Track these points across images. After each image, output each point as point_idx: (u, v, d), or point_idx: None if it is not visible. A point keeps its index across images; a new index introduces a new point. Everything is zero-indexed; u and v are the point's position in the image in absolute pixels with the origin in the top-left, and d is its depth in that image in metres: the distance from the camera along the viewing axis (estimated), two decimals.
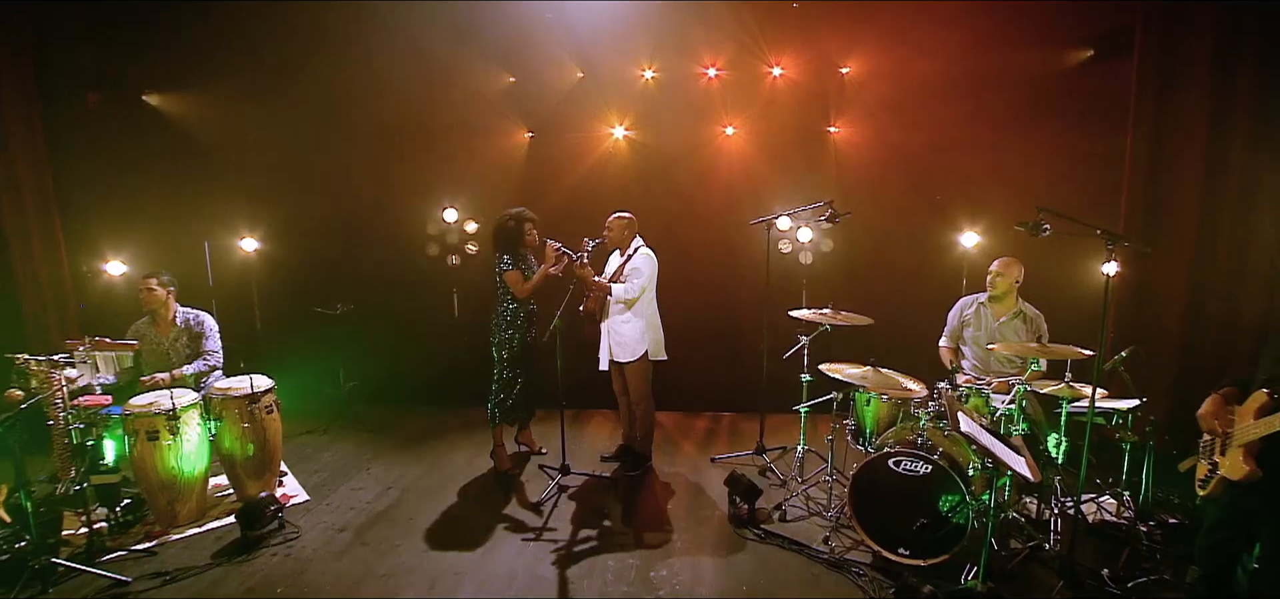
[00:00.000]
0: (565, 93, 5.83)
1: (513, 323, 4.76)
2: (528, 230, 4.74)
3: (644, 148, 5.89)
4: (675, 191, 5.94)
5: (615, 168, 5.99)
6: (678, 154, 5.87)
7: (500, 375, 4.85)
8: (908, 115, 5.58)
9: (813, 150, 5.79)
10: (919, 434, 3.75)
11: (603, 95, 5.78)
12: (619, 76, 5.73)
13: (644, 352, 4.72)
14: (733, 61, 5.65)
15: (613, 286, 4.61)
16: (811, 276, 6.24)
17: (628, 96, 5.76)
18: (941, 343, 4.62)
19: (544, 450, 5.30)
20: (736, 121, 5.77)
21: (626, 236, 4.75)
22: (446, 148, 6.17)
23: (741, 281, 6.04)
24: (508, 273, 4.69)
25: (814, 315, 4.49)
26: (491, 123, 6.04)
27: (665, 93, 5.73)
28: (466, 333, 6.39)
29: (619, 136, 5.86)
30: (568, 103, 5.85)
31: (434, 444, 5.57)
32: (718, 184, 5.96)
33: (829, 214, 4.46)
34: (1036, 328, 4.26)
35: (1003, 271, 4.27)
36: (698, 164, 5.92)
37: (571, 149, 5.97)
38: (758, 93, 5.73)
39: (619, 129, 5.84)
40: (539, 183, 5.95)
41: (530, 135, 6.03)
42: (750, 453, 5.09)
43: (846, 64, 5.57)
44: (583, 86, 5.82)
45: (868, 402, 4.23)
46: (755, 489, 4.28)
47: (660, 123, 5.81)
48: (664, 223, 5.57)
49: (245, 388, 4.35)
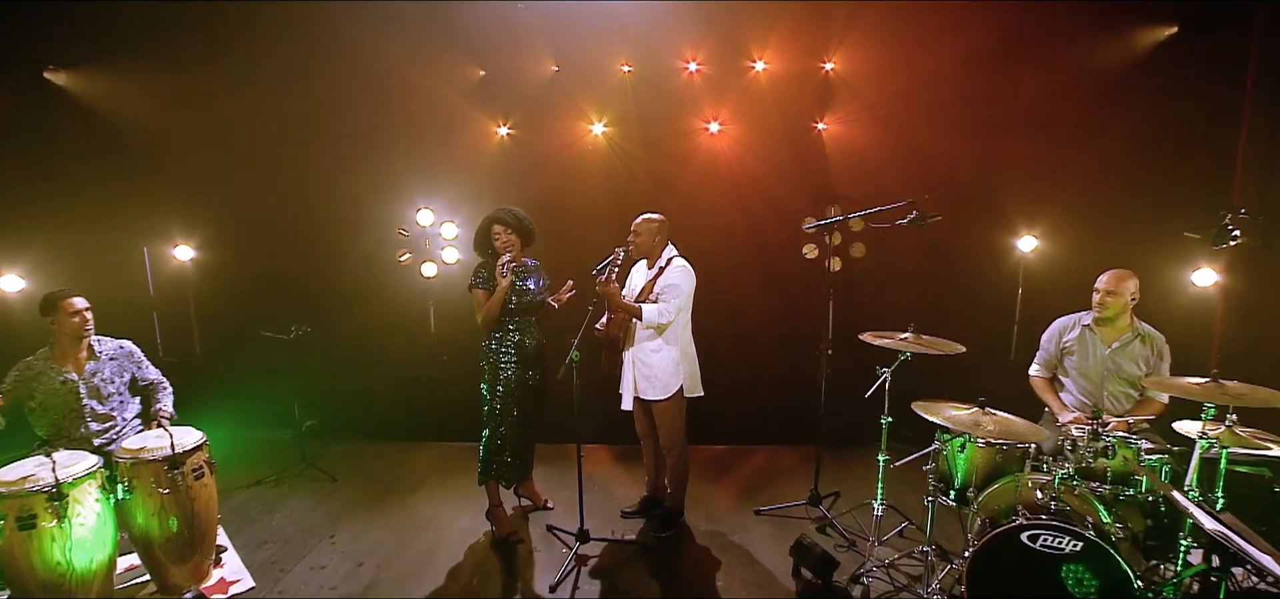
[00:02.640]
0: (541, 87, 5.18)
1: (500, 352, 3.83)
2: (496, 233, 3.80)
3: (625, 144, 5.24)
4: (668, 189, 5.21)
5: (597, 165, 5.26)
6: (662, 151, 5.23)
7: (492, 423, 3.90)
8: (917, 103, 4.93)
9: (803, 146, 5.17)
10: (1053, 496, 2.93)
11: (580, 90, 5.16)
12: (596, 70, 5.11)
13: (678, 387, 3.82)
14: (713, 56, 5.06)
15: (642, 308, 3.70)
16: (839, 287, 5.46)
17: (606, 91, 5.15)
18: (1033, 371, 3.82)
19: (551, 505, 4.35)
20: (721, 117, 5.17)
21: (658, 244, 3.84)
22: (414, 143, 5.33)
23: (752, 292, 5.30)
24: (472, 291, 3.82)
25: (892, 340, 3.65)
26: (463, 118, 5.27)
27: (644, 88, 5.12)
28: (446, 351, 5.59)
29: (598, 132, 5.21)
30: (543, 97, 5.19)
31: (414, 497, 4.56)
32: (716, 182, 5.25)
33: (912, 217, 3.61)
34: (1160, 352, 3.49)
35: (1114, 289, 3.46)
36: (685, 161, 5.25)
37: (549, 146, 5.27)
38: (740, 87, 5.10)
39: (598, 125, 5.20)
40: (515, 181, 5.21)
41: (504, 131, 5.30)
42: (804, 502, 4.23)
43: (830, 58, 5.01)
44: (559, 81, 5.17)
45: (962, 447, 3.41)
46: (830, 560, 3.44)
47: (641, 118, 5.16)
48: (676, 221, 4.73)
49: (164, 447, 3.30)
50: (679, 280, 3.73)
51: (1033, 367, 3.82)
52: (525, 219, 3.90)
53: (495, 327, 3.83)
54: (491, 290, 3.77)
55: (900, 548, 3.75)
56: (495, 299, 3.74)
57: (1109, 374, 3.51)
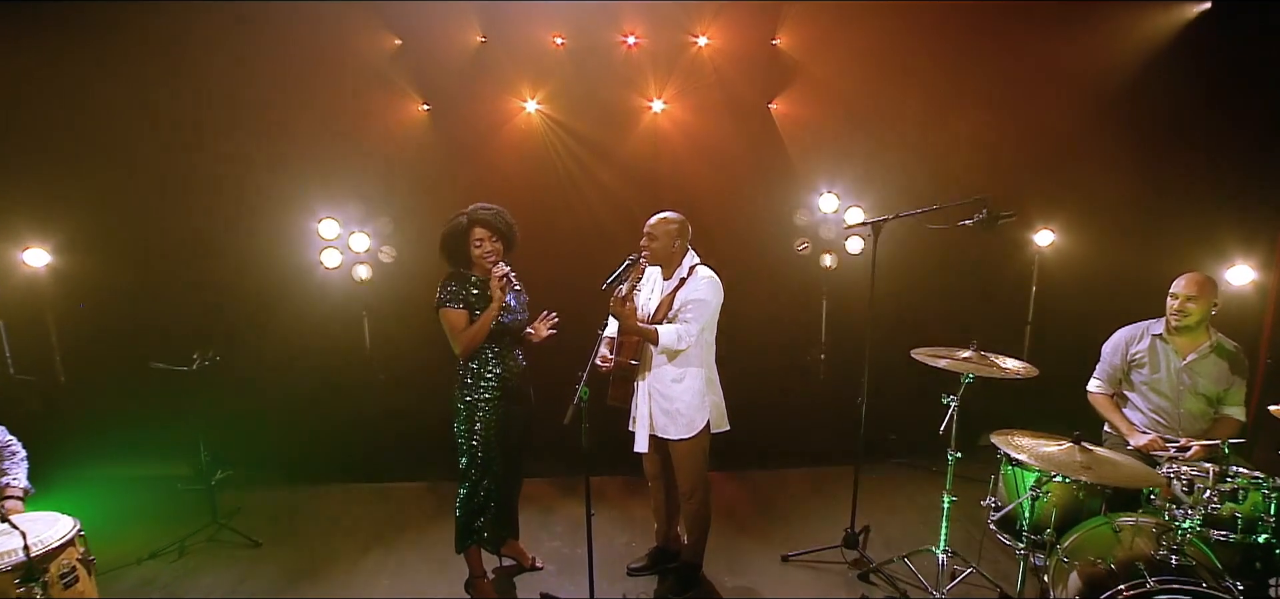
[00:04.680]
0: (465, 59, 4.59)
1: (480, 387, 3.07)
2: (478, 239, 3.02)
3: (562, 123, 4.71)
4: (621, 173, 4.76)
5: (534, 146, 4.73)
6: (603, 131, 4.76)
7: (473, 475, 3.13)
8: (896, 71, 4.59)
9: (762, 126, 4.83)
10: (1174, 549, 2.49)
11: (509, 63, 4.61)
12: (526, 40, 4.58)
13: (705, 423, 3.17)
14: (653, 29, 4.62)
15: (659, 330, 3.00)
16: (834, 286, 5.03)
17: (539, 65, 4.64)
18: (1094, 387, 3.43)
19: (539, 564, 3.60)
20: (665, 95, 4.76)
21: (677, 250, 3.14)
22: (323, 124, 4.51)
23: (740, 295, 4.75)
24: (444, 311, 3.01)
25: (951, 361, 3.13)
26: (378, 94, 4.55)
27: (580, 61, 4.64)
28: (383, 370, 4.84)
29: (531, 110, 4.70)
30: (468, 71, 4.60)
31: (366, 562, 3.68)
32: (663, 167, 4.77)
33: (980, 216, 3.09)
34: (1241, 367, 3.16)
35: (1197, 295, 3.09)
36: (628, 141, 4.78)
37: (476, 125, 4.70)
38: (684, 64, 4.70)
39: (531, 103, 4.69)
40: (440, 166, 4.66)
41: (426, 108, 4.62)
42: (838, 546, 3.68)
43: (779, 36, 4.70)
44: (485, 52, 4.59)
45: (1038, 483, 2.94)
46: None
47: (578, 95, 4.68)
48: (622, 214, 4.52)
49: (14, 551, 2.32)
50: (705, 294, 3.06)
51: (1092, 382, 3.43)
52: (511, 221, 3.13)
53: (473, 355, 3.04)
54: (468, 309, 2.99)
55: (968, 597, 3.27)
56: (484, 322, 2.99)
57: (1184, 390, 3.15)
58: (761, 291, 4.78)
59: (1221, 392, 3.13)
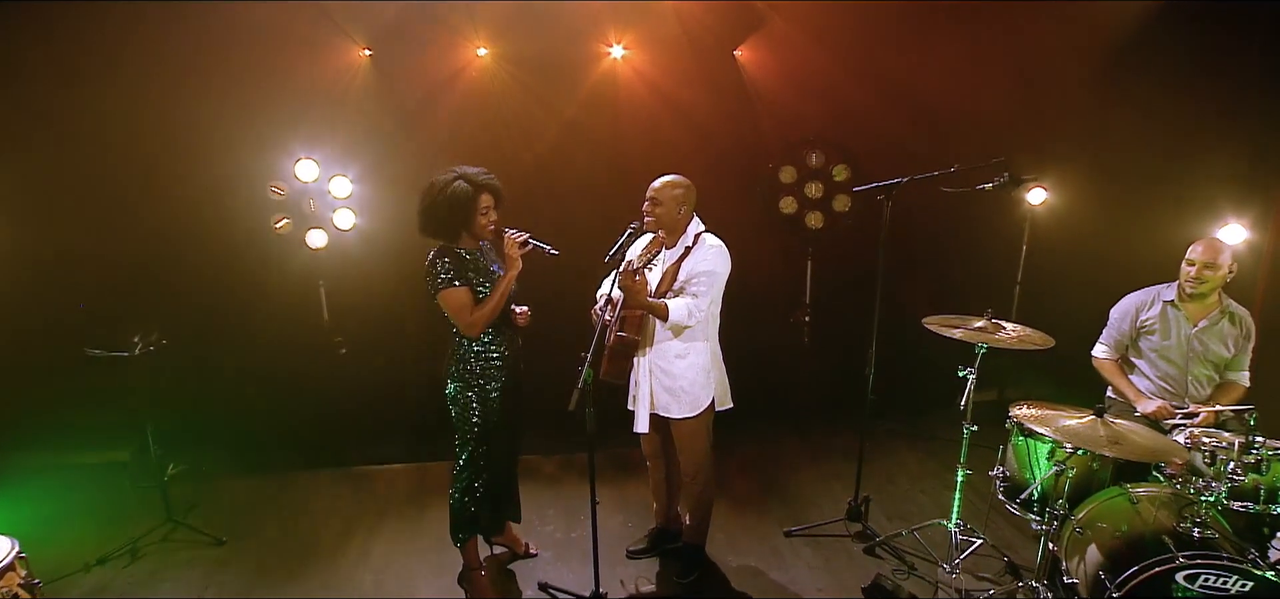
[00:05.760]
0: (411, 6, 4.20)
1: (484, 367, 2.81)
2: (484, 205, 2.74)
3: (518, 70, 4.40)
4: (582, 132, 4.52)
5: (494, 96, 4.42)
6: (562, 78, 4.48)
7: (475, 464, 2.88)
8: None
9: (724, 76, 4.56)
10: (1196, 522, 2.46)
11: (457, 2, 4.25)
12: None
13: (709, 401, 2.99)
14: None
15: (668, 304, 2.78)
16: (819, 247, 4.91)
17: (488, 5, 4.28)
18: (1099, 352, 3.38)
19: (534, 551, 3.40)
20: (625, 40, 4.48)
21: (683, 217, 2.91)
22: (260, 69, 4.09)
23: None
24: (444, 292, 2.69)
25: (963, 331, 3.02)
26: (322, 43, 4.16)
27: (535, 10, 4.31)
28: (345, 342, 4.58)
29: (483, 54, 4.39)
30: (412, 10, 4.22)
31: (343, 559, 3.41)
32: (632, 119, 4.53)
33: (1001, 179, 2.94)
34: (1248, 331, 3.14)
35: (1213, 263, 3.02)
36: (589, 92, 4.51)
37: (424, 72, 4.35)
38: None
39: (482, 49, 4.38)
40: (388, 117, 4.33)
41: (367, 53, 4.24)
42: (841, 518, 3.59)
43: None
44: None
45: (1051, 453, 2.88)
46: None
47: (531, 37, 4.36)
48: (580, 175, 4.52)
49: None
50: (715, 264, 2.85)
51: (1098, 347, 3.38)
52: None
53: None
54: (472, 286, 2.72)
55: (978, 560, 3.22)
56: (500, 297, 2.74)
57: (1193, 356, 3.12)
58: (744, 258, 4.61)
59: (1229, 357, 3.11)
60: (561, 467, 4.25)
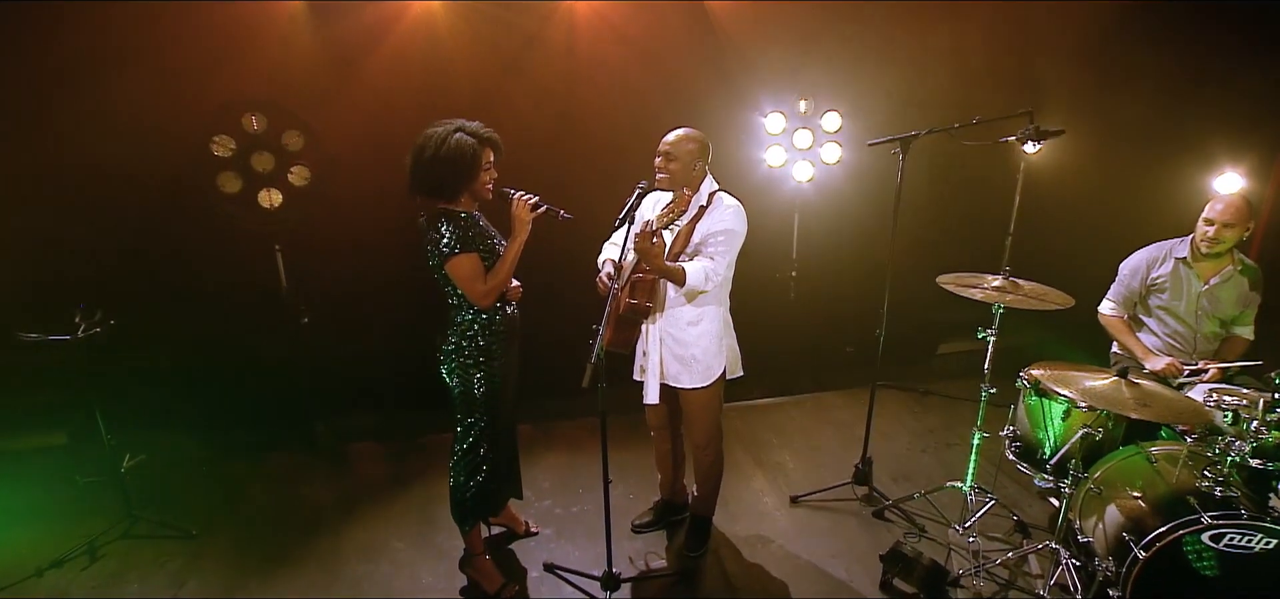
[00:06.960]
0: None
1: (490, 336, 2.59)
2: (487, 161, 2.48)
3: (470, 17, 3.98)
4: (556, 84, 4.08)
5: (449, 49, 3.96)
6: (521, 24, 4.04)
7: (469, 438, 2.68)
8: None
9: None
10: (1219, 481, 2.45)
11: None
12: None
13: (721, 370, 2.84)
14: None
15: (685, 267, 2.59)
16: (806, 203, 4.76)
17: None
18: (1106, 309, 3.35)
19: (535, 529, 3.24)
20: None
21: (698, 173, 2.69)
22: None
23: None
24: (453, 260, 2.43)
25: (978, 290, 2.93)
26: None
27: None
28: (307, 310, 4.12)
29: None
30: None
31: (320, 548, 3.17)
32: (604, 69, 4.13)
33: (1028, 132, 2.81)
34: (1257, 284, 3.13)
35: (1233, 222, 2.94)
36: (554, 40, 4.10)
37: (366, 21, 3.87)
38: None
39: None
40: (329, 74, 3.86)
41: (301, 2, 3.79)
42: (848, 482, 3.53)
43: None
44: None
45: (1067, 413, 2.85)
46: (940, 571, 2.78)
47: None
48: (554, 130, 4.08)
49: None
50: (732, 224, 2.66)
51: (1105, 304, 3.35)
52: None
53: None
54: (484, 253, 2.49)
55: (990, 524, 3.20)
56: (511, 260, 2.52)
57: (1203, 314, 3.11)
58: None
59: (1237, 313, 3.11)
60: (551, 436, 4.07)
